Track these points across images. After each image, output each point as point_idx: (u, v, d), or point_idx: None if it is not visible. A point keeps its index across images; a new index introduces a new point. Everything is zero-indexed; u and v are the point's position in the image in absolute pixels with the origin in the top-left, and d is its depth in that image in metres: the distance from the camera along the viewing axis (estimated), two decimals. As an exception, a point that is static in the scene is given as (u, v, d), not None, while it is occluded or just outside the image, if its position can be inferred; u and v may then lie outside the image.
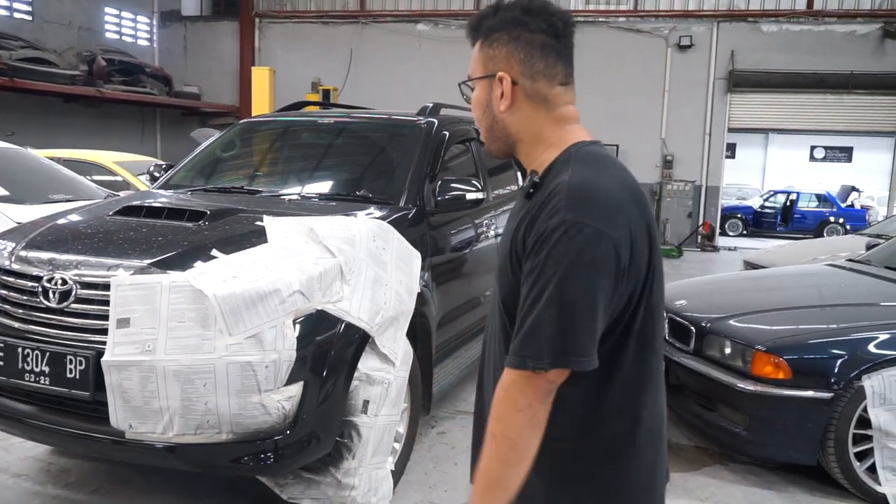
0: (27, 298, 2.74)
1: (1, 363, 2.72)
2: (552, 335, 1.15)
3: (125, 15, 16.05)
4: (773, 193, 20.05)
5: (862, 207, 19.04)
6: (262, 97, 13.27)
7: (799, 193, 19.03)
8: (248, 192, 3.85)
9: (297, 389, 2.53)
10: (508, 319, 1.31)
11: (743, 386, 3.40)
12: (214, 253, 2.67)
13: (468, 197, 3.60)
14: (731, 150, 19.32)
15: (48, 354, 2.63)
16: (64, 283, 2.66)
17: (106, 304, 2.53)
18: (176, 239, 2.88)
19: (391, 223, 3.14)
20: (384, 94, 14.42)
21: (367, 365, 2.77)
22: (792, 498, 3.41)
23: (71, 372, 2.59)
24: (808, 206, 18.81)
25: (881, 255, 4.76)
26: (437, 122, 4.08)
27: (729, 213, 18.36)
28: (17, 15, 13.37)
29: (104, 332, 2.51)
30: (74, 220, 3.30)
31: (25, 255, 2.87)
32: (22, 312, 2.74)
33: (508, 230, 1.34)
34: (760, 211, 19.23)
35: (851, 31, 13.56)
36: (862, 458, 3.34)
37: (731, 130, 14.69)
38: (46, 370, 2.63)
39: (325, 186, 3.99)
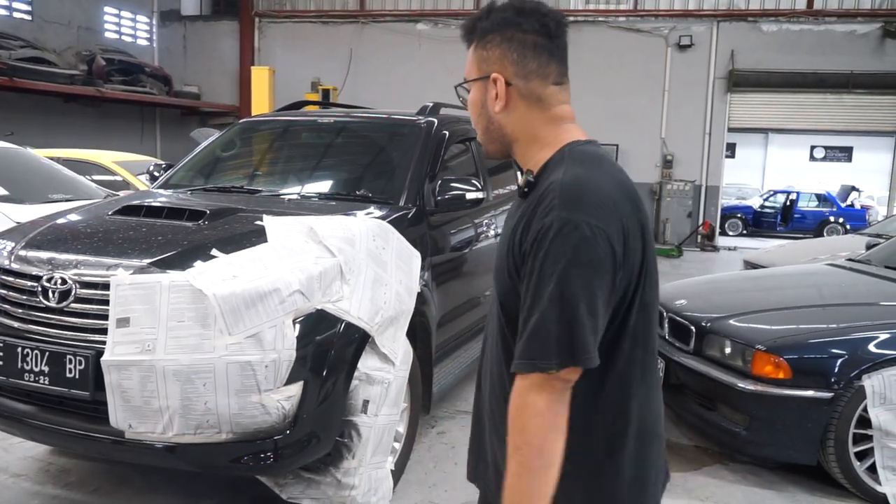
0: (27, 298, 2.74)
1: (0, 363, 2.71)
2: (558, 334, 1.14)
3: (125, 14, 16.05)
4: (772, 193, 20.05)
5: (862, 207, 19.03)
6: (261, 97, 13.28)
7: (799, 193, 19.04)
8: (247, 191, 3.85)
9: (296, 389, 2.53)
10: (506, 320, 1.31)
11: (743, 386, 3.40)
12: (214, 252, 2.67)
13: (468, 196, 3.60)
14: (730, 149, 19.32)
15: (48, 354, 2.63)
16: (63, 282, 2.66)
17: (106, 303, 2.53)
18: (175, 238, 2.88)
19: (391, 223, 3.13)
20: (384, 93, 14.42)
21: (366, 364, 2.77)
22: (792, 498, 3.41)
23: (70, 372, 2.59)
24: (807, 205, 18.81)
25: (881, 254, 4.76)
26: (436, 121, 4.08)
27: (729, 212, 18.36)
28: (16, 14, 13.37)
29: (104, 331, 2.50)
30: (74, 219, 3.30)
31: (25, 254, 2.86)
32: (21, 312, 2.74)
33: (506, 231, 1.35)
34: (760, 211, 19.23)
35: (851, 30, 13.56)
36: (862, 457, 3.34)
37: (730, 130, 14.70)
38: (46, 370, 2.63)
39: (324, 186, 3.99)
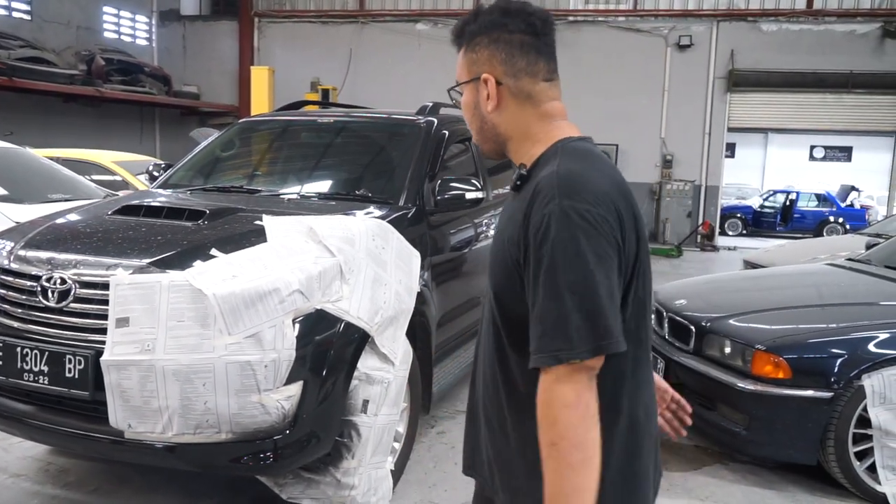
0: (26, 298, 2.74)
1: (0, 363, 2.71)
2: (578, 322, 1.14)
3: (124, 14, 16.05)
4: (772, 193, 20.05)
5: (861, 207, 19.03)
6: (261, 97, 13.28)
7: (798, 193, 19.04)
8: (247, 191, 3.84)
9: (296, 389, 2.53)
10: (500, 313, 1.32)
11: (743, 385, 3.40)
12: (214, 252, 2.67)
13: (468, 196, 3.60)
14: (730, 149, 19.32)
15: (47, 354, 2.62)
16: (63, 282, 2.66)
17: (105, 303, 2.53)
18: (175, 238, 2.88)
19: (391, 222, 3.13)
20: (383, 93, 14.42)
21: (366, 364, 2.77)
22: (792, 497, 3.41)
23: (70, 371, 2.59)
24: (807, 205, 18.81)
25: (881, 254, 4.76)
26: (436, 121, 4.08)
27: (728, 212, 18.37)
28: (15, 14, 13.37)
29: (103, 331, 2.50)
30: (73, 219, 3.29)
31: (24, 254, 2.86)
32: (21, 312, 2.74)
33: (500, 225, 1.36)
34: (760, 210, 19.23)
35: (851, 30, 13.57)
36: (862, 457, 3.34)
37: (730, 130, 14.71)
38: (45, 370, 2.62)
39: (324, 186, 3.99)
